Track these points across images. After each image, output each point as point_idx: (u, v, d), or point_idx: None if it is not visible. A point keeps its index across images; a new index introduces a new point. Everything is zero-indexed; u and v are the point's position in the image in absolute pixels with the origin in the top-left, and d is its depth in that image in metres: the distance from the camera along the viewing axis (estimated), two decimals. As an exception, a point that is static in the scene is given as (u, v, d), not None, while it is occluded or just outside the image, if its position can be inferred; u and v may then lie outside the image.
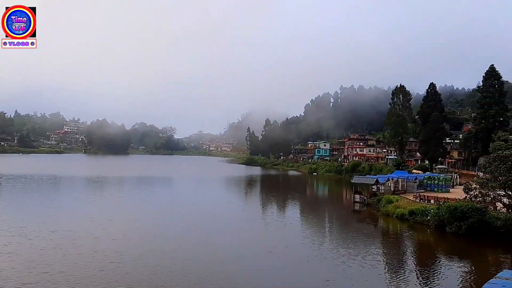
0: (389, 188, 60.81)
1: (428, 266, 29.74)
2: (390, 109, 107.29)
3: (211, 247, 32.20)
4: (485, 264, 30.53)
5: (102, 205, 52.94)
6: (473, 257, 32.16)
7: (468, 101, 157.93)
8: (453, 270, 28.57)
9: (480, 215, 36.29)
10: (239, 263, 28.25)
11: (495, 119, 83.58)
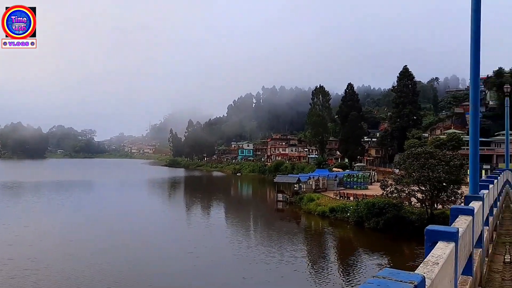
0: (311, 186, 61.58)
1: (347, 260, 30.46)
2: (311, 109, 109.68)
3: (130, 249, 31.05)
4: (401, 257, 31.33)
5: (16, 212, 48.80)
6: (390, 250, 32.89)
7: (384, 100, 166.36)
8: (371, 263, 29.25)
9: (396, 210, 37.37)
10: (156, 265, 27.16)
11: (409, 118, 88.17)
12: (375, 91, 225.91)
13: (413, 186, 38.27)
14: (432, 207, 37.66)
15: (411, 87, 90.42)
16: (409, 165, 38.24)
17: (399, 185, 38.97)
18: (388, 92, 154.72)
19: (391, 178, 43.40)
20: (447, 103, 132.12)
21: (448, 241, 3.15)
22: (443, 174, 35.68)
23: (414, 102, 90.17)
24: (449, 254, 2.92)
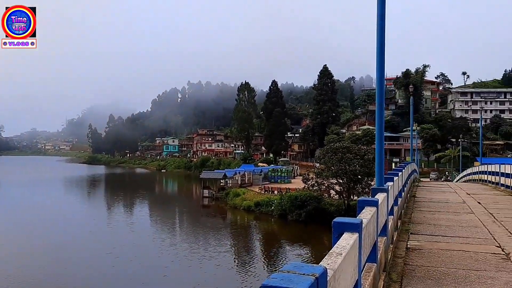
0: (237, 181, 62.12)
1: (270, 252, 31.38)
2: (237, 105, 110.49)
3: (40, 254, 29.36)
4: (322, 247, 32.66)
5: None
6: (311, 241, 34.26)
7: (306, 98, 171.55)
8: (293, 254, 30.36)
9: (317, 202, 39.02)
10: (69, 269, 26.04)
11: (328, 115, 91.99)
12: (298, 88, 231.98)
13: (332, 179, 40.13)
14: (349, 198, 39.75)
15: (330, 86, 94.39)
16: (328, 159, 40.00)
17: (320, 179, 40.68)
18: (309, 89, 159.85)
19: (312, 172, 45.14)
20: (362, 101, 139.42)
21: (353, 232, 3.40)
22: (359, 167, 37.81)
23: (333, 100, 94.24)
24: (352, 244, 3.15)
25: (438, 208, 13.37)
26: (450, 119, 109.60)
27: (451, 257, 7.13)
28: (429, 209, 13.04)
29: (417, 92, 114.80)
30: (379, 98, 7.93)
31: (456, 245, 8.11)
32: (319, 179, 40.78)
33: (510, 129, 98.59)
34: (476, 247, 7.90)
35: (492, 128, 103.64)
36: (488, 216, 11.56)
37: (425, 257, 7.16)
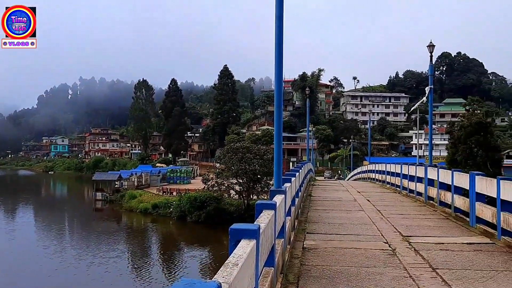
0: (133, 183, 59.92)
1: (167, 255, 30.76)
2: (133, 103, 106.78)
3: None
4: (221, 247, 32.63)
5: None
6: (211, 241, 34.11)
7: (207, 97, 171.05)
8: (192, 256, 30.01)
9: (216, 203, 38.97)
10: None
11: (229, 114, 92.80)
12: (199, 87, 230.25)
13: (232, 179, 40.36)
14: (249, 198, 40.29)
15: (231, 86, 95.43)
16: (229, 159, 40.16)
17: (220, 179, 40.67)
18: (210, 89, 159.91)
19: (212, 172, 45.03)
20: (262, 101, 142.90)
21: (250, 239, 3.25)
22: (258, 167, 38.49)
23: (233, 100, 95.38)
24: (249, 252, 3.00)
25: (332, 206, 13.98)
26: (342, 121, 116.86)
27: (344, 255, 7.38)
28: (324, 207, 13.56)
29: (312, 94, 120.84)
30: (277, 100, 7.97)
31: (348, 242, 8.44)
32: (219, 179, 40.76)
33: (393, 131, 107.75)
34: (366, 244, 8.28)
35: (379, 130, 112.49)
36: (376, 213, 12.31)
37: (320, 256, 7.32)
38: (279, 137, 7.84)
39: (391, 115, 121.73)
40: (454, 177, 11.45)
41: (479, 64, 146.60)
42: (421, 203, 14.59)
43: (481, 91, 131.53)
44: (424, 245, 8.18)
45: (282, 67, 7.80)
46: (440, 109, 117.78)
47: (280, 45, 7.80)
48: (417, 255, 7.39)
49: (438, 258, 7.18)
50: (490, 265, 6.73)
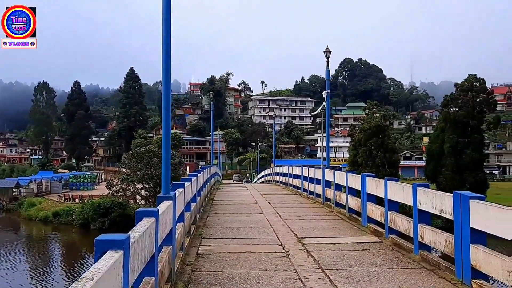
0: (32, 190, 56.00)
1: (70, 264, 29.26)
2: (33, 106, 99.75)
3: None
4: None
5: None
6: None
7: (113, 100, 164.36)
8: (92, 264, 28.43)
9: (122, 209, 37.55)
10: None
11: (136, 118, 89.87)
12: (104, 90, 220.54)
13: (138, 184, 39.04)
14: (155, 203, 39.20)
15: (137, 89, 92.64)
16: (134, 164, 38.78)
17: (125, 184, 39.16)
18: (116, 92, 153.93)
19: (117, 178, 43.28)
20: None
21: (117, 250, 3.03)
22: (166, 171, 37.61)
23: (140, 103, 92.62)
24: (112, 265, 2.79)
25: (233, 210, 13.94)
26: (250, 124, 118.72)
27: (238, 259, 7.29)
28: (225, 211, 13.48)
29: (221, 98, 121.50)
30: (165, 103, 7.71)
31: (244, 246, 8.38)
32: (124, 185, 39.22)
33: (300, 134, 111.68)
34: (261, 247, 8.29)
35: (286, 133, 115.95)
36: (275, 216, 12.47)
37: (213, 261, 7.16)
38: (166, 141, 7.56)
39: (298, 119, 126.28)
40: (348, 179, 11.96)
41: (378, 70, 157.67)
42: (320, 204, 15.08)
43: (381, 96, 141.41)
44: (316, 246, 8.37)
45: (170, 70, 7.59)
46: (343, 112, 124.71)
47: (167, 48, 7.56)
48: (308, 257, 7.52)
49: (328, 258, 7.36)
50: (376, 264, 7.03)
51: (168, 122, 7.60)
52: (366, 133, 44.27)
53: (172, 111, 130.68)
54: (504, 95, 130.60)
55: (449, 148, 40.76)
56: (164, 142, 7.63)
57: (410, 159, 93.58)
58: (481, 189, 40.62)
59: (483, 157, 43.17)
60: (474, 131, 41.07)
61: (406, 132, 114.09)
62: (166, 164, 7.58)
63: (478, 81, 42.01)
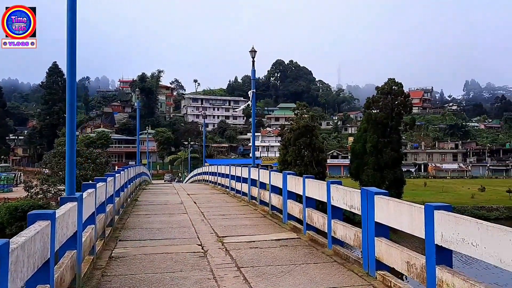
0: None
1: None
2: None
3: None
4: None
5: None
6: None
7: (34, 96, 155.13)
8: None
9: (40, 211, 35.42)
10: None
11: (59, 116, 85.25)
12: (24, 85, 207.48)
13: (60, 185, 37.07)
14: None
15: (61, 84, 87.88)
16: (56, 163, 36.84)
17: (45, 185, 37.03)
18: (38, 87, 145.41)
19: (37, 179, 40.84)
20: (98, 102, 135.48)
21: None
22: (90, 171, 36.05)
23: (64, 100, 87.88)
24: None
25: (156, 210, 13.62)
26: (183, 123, 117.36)
27: (153, 261, 7.10)
28: (147, 212, 13.13)
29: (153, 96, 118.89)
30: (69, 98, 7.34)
31: (161, 247, 8.19)
32: (44, 186, 37.05)
33: (233, 133, 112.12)
34: (180, 248, 8.14)
35: (219, 132, 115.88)
36: (199, 215, 12.34)
37: (127, 264, 6.91)
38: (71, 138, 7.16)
39: (231, 118, 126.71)
40: (271, 177, 12.12)
41: (308, 72, 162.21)
42: (245, 203, 15.16)
43: (310, 97, 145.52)
44: (236, 244, 8.38)
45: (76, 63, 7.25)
46: (275, 113, 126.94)
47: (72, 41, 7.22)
48: (226, 255, 7.50)
49: (246, 256, 7.39)
50: (291, 260, 7.15)
51: (73, 118, 7.24)
52: (295, 133, 45.32)
53: (100, 108, 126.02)
54: (420, 98, 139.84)
55: (371, 148, 42.81)
56: (68, 139, 7.20)
57: (337, 158, 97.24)
58: (399, 185, 43.23)
59: (401, 155, 45.75)
60: (392, 132, 43.46)
61: (333, 132, 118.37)
62: (70, 163, 7.18)
63: (396, 85, 44.45)
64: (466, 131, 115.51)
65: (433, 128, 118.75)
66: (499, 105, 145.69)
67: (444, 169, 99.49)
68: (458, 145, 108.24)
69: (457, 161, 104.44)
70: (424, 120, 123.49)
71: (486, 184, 67.32)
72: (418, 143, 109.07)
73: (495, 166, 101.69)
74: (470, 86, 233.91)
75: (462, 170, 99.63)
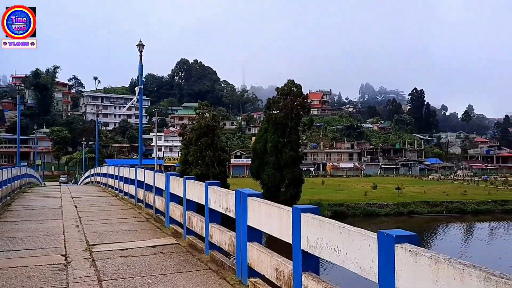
0: None
1: None
2: None
3: None
4: None
5: None
6: None
7: None
8: None
9: None
10: None
11: None
12: None
13: None
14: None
15: None
16: None
17: None
18: None
19: None
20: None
21: None
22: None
23: None
24: None
25: (28, 216, 12.21)
26: (81, 122, 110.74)
27: (1, 277, 6.10)
28: (17, 219, 11.71)
29: (48, 93, 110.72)
30: None
31: (17, 260, 7.14)
32: None
33: (135, 133, 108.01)
34: (39, 260, 7.16)
35: (121, 132, 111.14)
36: (75, 221, 11.24)
37: (-37, 284, 5.85)
38: None
39: (133, 117, 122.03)
40: (156, 178, 11.43)
41: (213, 72, 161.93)
42: (132, 206, 14.24)
43: (215, 97, 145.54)
44: (106, 253, 7.60)
45: None
46: (179, 112, 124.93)
47: None
48: (91, 267, 6.70)
49: (112, 267, 6.66)
50: (162, 269, 6.58)
51: None
52: (197, 132, 44.67)
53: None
54: (319, 100, 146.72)
55: (271, 147, 43.56)
56: None
57: (240, 157, 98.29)
58: (298, 184, 44.57)
59: (300, 155, 47.15)
60: (292, 132, 44.62)
61: (237, 132, 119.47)
62: None
63: (295, 86, 45.72)
64: (361, 132, 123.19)
65: (331, 129, 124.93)
66: (390, 107, 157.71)
67: (341, 168, 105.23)
68: (353, 145, 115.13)
69: (353, 160, 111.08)
70: (323, 121, 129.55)
71: (378, 182, 72.31)
72: (317, 143, 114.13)
73: (386, 165, 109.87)
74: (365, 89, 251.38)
75: (357, 169, 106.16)
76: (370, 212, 48.37)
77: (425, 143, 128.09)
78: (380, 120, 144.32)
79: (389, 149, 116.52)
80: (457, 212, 50.14)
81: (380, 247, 3.28)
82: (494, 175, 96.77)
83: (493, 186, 68.54)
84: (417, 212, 49.26)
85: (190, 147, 45.45)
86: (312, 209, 4.53)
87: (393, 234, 3.16)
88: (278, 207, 5.04)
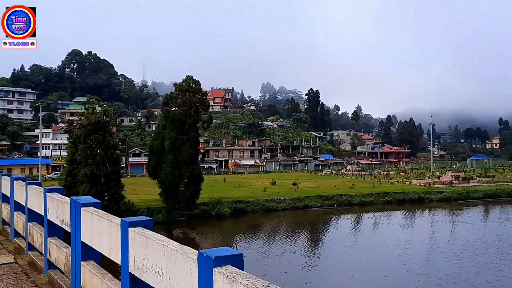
0: None
1: None
2: None
3: None
4: None
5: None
6: None
7: None
8: None
9: None
10: None
11: None
12: None
13: None
14: None
15: None
16: None
17: None
18: None
19: None
20: None
21: None
22: None
23: None
24: None
25: None
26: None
27: None
28: None
29: None
30: None
31: None
32: None
33: (17, 129, 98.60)
34: None
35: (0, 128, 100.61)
36: None
37: None
38: None
39: (16, 112, 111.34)
40: (2, 183, 9.72)
41: (109, 65, 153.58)
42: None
43: (112, 91, 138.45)
44: None
45: None
46: (71, 107, 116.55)
47: None
48: None
49: None
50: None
51: None
52: (86, 129, 41.52)
53: None
54: (222, 97, 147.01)
55: (169, 145, 42.01)
56: None
57: (139, 156, 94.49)
58: (197, 182, 43.58)
59: (199, 152, 46.17)
60: (191, 129, 43.46)
61: (137, 130, 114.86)
62: None
63: (194, 82, 44.58)
64: (262, 129, 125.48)
65: (234, 127, 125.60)
66: (289, 106, 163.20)
67: (243, 165, 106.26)
68: (255, 143, 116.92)
69: (254, 157, 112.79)
70: (225, 118, 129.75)
71: (277, 178, 73.90)
72: (220, 140, 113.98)
73: (285, 161, 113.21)
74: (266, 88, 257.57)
75: (258, 166, 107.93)
76: (268, 207, 48.93)
77: (320, 140, 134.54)
78: (280, 118, 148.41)
79: (287, 146, 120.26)
80: (346, 204, 52.74)
81: (200, 272, 2.52)
82: (378, 169, 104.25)
83: (377, 180, 73.47)
84: (311, 206, 50.87)
85: (78, 145, 42.14)
86: (145, 222, 3.63)
87: (212, 256, 2.40)
88: (108, 220, 4.06)
